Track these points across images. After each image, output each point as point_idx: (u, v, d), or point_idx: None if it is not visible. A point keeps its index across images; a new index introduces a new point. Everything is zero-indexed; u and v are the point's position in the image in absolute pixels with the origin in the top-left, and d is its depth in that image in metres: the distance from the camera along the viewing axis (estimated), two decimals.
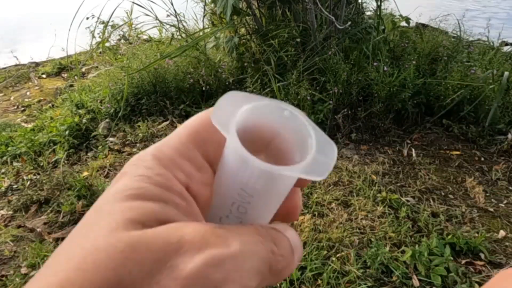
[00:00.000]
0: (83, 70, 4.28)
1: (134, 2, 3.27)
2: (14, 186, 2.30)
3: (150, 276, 0.16)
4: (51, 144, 2.68)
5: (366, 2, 3.35)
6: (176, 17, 3.27)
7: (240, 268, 0.17)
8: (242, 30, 3.13)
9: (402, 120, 2.70)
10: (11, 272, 1.67)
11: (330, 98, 2.55)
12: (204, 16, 3.38)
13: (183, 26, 3.40)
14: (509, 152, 2.33)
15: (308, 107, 2.54)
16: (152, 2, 3.24)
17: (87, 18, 3.50)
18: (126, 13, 4.16)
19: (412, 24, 3.37)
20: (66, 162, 2.49)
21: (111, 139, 2.69)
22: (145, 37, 4.28)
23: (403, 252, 1.63)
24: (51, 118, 3.04)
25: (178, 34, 3.46)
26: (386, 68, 2.57)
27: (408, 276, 1.53)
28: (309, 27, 2.80)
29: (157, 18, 3.35)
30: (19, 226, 1.96)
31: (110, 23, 3.91)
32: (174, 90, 2.98)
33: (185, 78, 2.99)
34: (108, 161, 2.44)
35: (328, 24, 2.80)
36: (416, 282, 1.50)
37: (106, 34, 4.04)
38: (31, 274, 1.65)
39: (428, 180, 2.14)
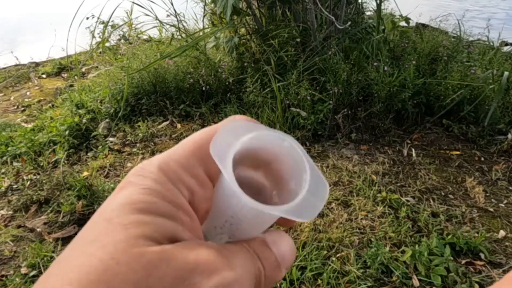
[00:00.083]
0: (83, 70, 4.28)
1: (134, 2, 3.27)
2: (14, 186, 2.30)
3: None
4: (51, 144, 2.68)
5: (366, 2, 3.35)
6: (176, 17, 3.27)
7: None
8: (242, 30, 3.13)
9: (402, 120, 2.70)
10: (11, 272, 1.67)
11: (330, 98, 2.55)
12: (204, 16, 3.38)
13: (183, 26, 3.40)
14: (509, 152, 2.33)
15: (308, 107, 2.55)
16: (152, 2, 3.24)
17: (87, 18, 3.50)
18: (126, 13, 4.17)
19: (412, 24, 3.37)
20: (66, 162, 2.49)
21: (111, 139, 2.69)
22: (145, 37, 4.28)
23: (403, 252, 1.63)
24: (51, 118, 3.04)
25: (178, 34, 3.46)
26: (386, 68, 2.57)
27: (408, 276, 1.53)
28: (309, 27, 2.80)
29: (157, 18, 3.35)
30: (19, 226, 1.96)
31: (110, 23, 3.91)
32: (174, 90, 2.98)
33: (185, 78, 2.99)
34: (108, 161, 2.44)
35: (328, 24, 2.80)
36: (416, 282, 1.50)
37: (106, 34, 4.04)
38: (31, 274, 1.65)
39: (428, 180, 2.14)
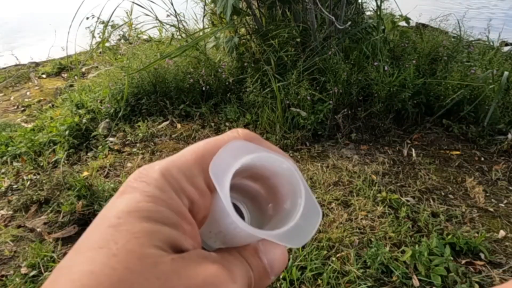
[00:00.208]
0: (83, 70, 4.28)
1: (134, 2, 3.27)
2: (14, 186, 2.30)
3: None
4: (51, 144, 2.68)
5: (366, 2, 3.35)
6: (176, 17, 3.27)
7: None
8: (242, 30, 3.13)
9: (402, 120, 2.70)
10: (11, 272, 1.67)
11: (330, 98, 2.55)
12: (204, 16, 3.38)
13: (183, 26, 3.40)
14: (509, 152, 2.33)
15: (308, 107, 2.54)
16: (152, 2, 3.24)
17: (87, 18, 3.50)
18: (126, 13, 4.17)
19: (412, 24, 3.36)
20: (66, 162, 2.49)
21: (111, 139, 2.69)
22: (145, 37, 4.28)
23: (403, 252, 1.63)
24: (51, 118, 3.04)
25: (178, 34, 3.46)
26: (386, 68, 2.57)
27: (408, 276, 1.53)
28: (309, 27, 2.80)
29: (157, 18, 3.35)
30: (19, 226, 1.96)
31: (110, 23, 3.91)
32: (174, 90, 2.98)
33: (185, 78, 2.99)
34: (108, 161, 2.44)
35: (328, 24, 2.80)
36: (416, 282, 1.50)
37: (106, 34, 4.04)
38: (31, 274, 1.65)
39: (428, 180, 2.14)
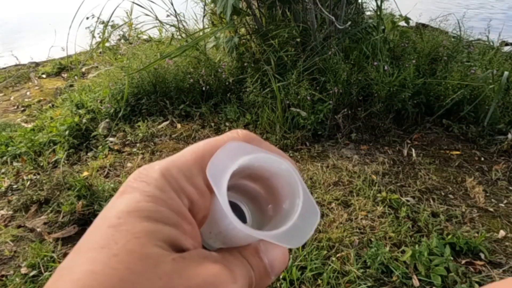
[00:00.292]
0: (83, 70, 4.28)
1: (134, 2, 3.27)
2: (14, 186, 2.30)
3: None
4: (51, 144, 2.68)
5: (366, 2, 3.35)
6: (176, 17, 3.27)
7: None
8: (242, 30, 3.13)
9: (402, 120, 2.70)
10: (11, 272, 1.67)
11: (330, 98, 2.55)
12: (204, 16, 3.38)
13: (183, 26, 3.40)
14: (509, 152, 2.33)
15: (308, 107, 2.54)
16: (152, 2, 3.24)
17: (87, 18, 3.50)
18: (126, 13, 4.17)
19: (412, 24, 3.36)
20: (66, 162, 2.49)
21: (111, 139, 2.69)
22: (145, 37, 4.28)
23: (403, 252, 1.63)
24: (51, 118, 3.04)
25: (178, 34, 3.46)
26: (386, 67, 2.57)
27: (408, 276, 1.53)
28: (309, 27, 2.80)
29: (157, 18, 3.35)
30: (19, 226, 1.96)
31: (110, 23, 3.91)
32: (174, 90, 2.98)
33: (185, 78, 2.99)
34: (108, 161, 2.44)
35: (328, 24, 2.80)
36: (416, 282, 1.50)
37: (106, 34, 4.04)
38: (31, 274, 1.65)
39: (428, 180, 2.14)
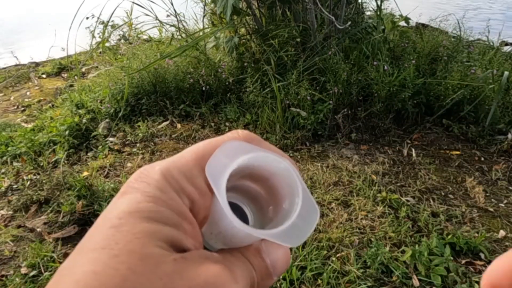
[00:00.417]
0: (83, 70, 4.28)
1: (134, 2, 3.27)
2: (14, 186, 2.30)
3: None
4: (51, 144, 2.68)
5: (366, 2, 3.35)
6: (176, 17, 3.27)
7: None
8: (242, 30, 3.13)
9: (402, 120, 2.70)
10: (11, 272, 1.67)
11: (330, 98, 2.55)
12: (204, 16, 3.38)
13: (183, 26, 3.40)
14: (509, 152, 2.33)
15: (308, 107, 2.54)
16: (152, 2, 3.24)
17: (87, 18, 3.50)
18: (126, 13, 4.16)
19: (412, 24, 3.36)
20: (66, 162, 2.49)
21: (111, 139, 2.69)
22: (145, 37, 4.28)
23: (403, 252, 1.63)
24: (51, 118, 3.04)
25: (178, 34, 3.46)
26: (386, 67, 2.57)
27: (408, 276, 1.53)
28: (309, 27, 2.80)
29: (157, 18, 3.35)
30: (19, 226, 1.96)
31: (110, 23, 3.91)
32: (174, 90, 2.98)
33: (185, 78, 2.99)
34: (108, 161, 2.44)
35: (328, 24, 2.80)
36: (416, 282, 1.50)
37: (106, 34, 4.04)
38: (31, 274, 1.65)
39: (428, 180, 2.14)
